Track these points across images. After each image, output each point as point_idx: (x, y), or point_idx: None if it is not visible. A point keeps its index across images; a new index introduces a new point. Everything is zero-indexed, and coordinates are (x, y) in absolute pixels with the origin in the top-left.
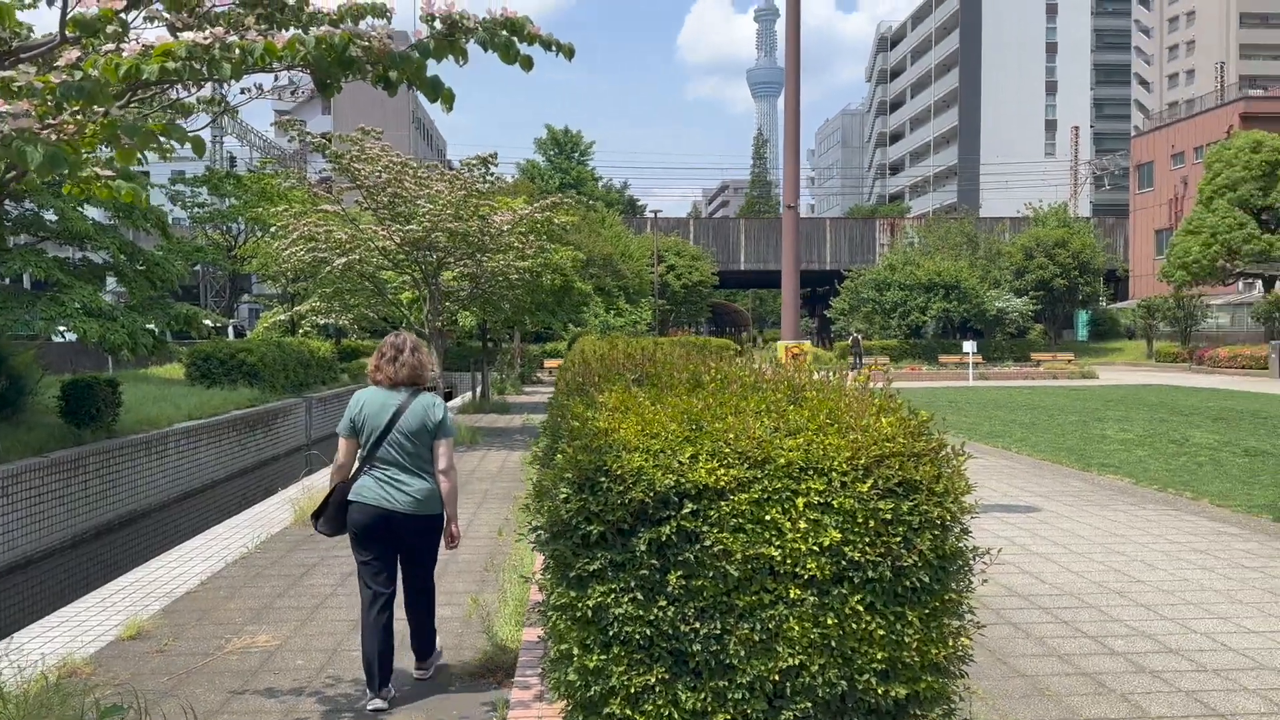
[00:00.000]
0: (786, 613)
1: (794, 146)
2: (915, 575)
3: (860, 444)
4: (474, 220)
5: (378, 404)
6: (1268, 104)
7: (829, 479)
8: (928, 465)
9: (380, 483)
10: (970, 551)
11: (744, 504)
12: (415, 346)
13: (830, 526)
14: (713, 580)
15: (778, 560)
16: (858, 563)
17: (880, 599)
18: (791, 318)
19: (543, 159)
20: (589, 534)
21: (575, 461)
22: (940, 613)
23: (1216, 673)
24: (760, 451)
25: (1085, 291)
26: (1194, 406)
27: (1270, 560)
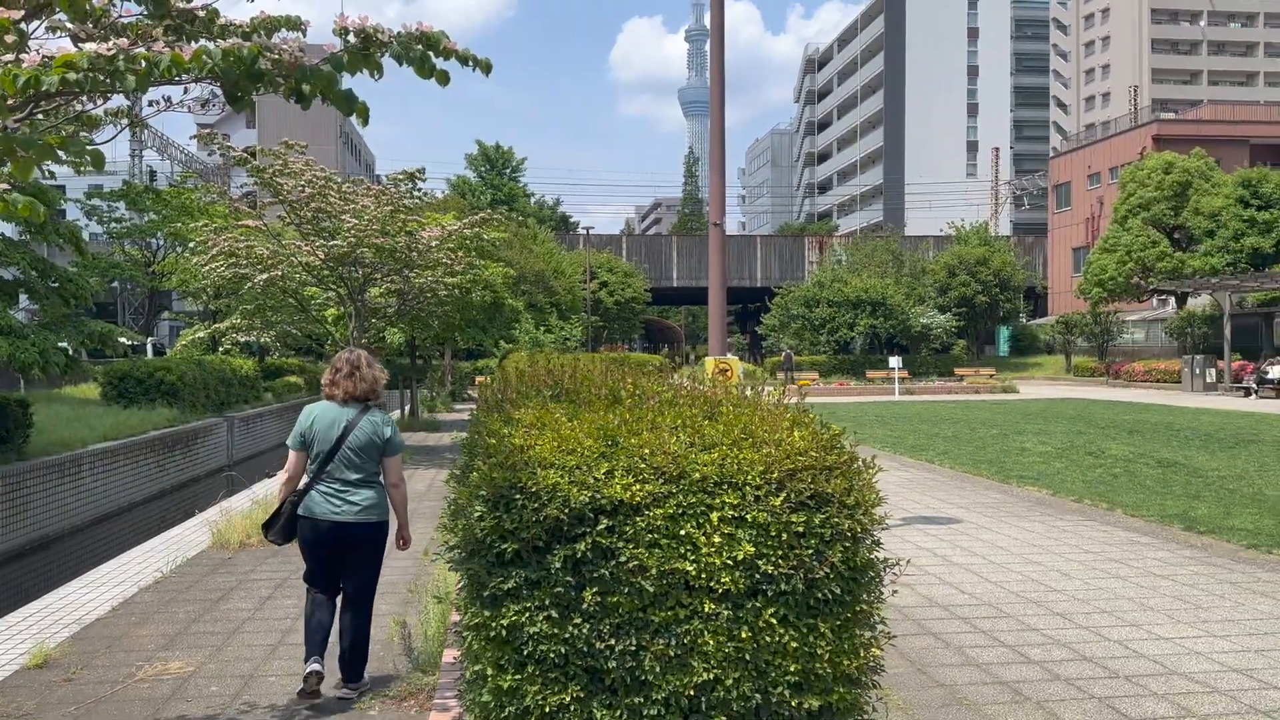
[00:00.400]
0: (701, 627)
1: (719, 166)
2: (827, 587)
3: (773, 458)
4: (401, 236)
5: (328, 419)
6: (1179, 127)
7: (743, 493)
8: (839, 478)
9: (327, 496)
10: (881, 563)
11: (659, 519)
12: (370, 362)
13: (744, 540)
14: (628, 596)
15: (693, 575)
16: (771, 576)
17: (793, 611)
18: (718, 334)
19: (474, 175)
20: (503, 552)
21: (490, 479)
22: (852, 624)
23: (1128, 679)
24: (675, 467)
25: (1006, 308)
26: (1110, 420)
27: (1180, 568)
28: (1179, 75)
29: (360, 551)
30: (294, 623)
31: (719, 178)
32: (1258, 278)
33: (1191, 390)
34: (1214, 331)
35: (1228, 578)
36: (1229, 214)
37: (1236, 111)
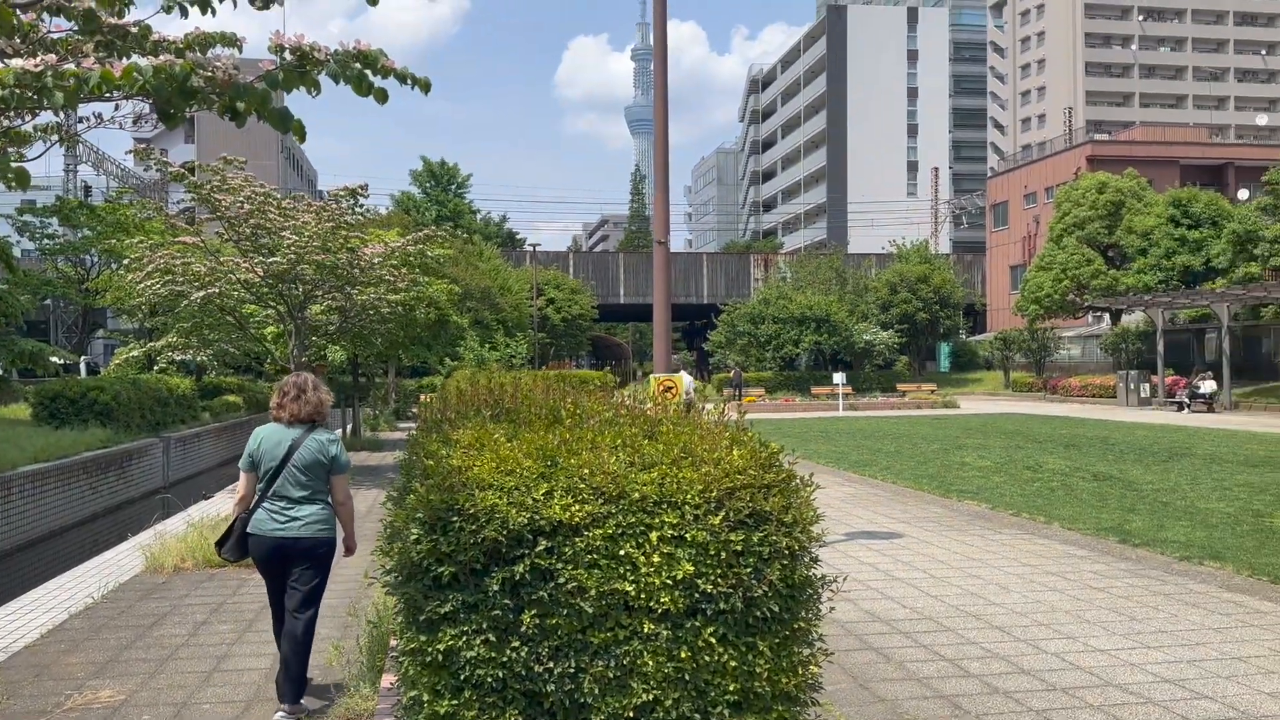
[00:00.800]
0: (641, 648)
1: (664, 184)
2: (766, 605)
3: (712, 477)
4: (343, 252)
5: (275, 440)
6: (1112, 147)
7: (682, 512)
8: (777, 496)
9: (272, 514)
10: (819, 580)
11: (599, 539)
12: (316, 385)
13: (683, 559)
14: (567, 618)
15: (632, 595)
16: (710, 595)
17: (732, 630)
18: (663, 351)
19: (419, 191)
20: (440, 575)
21: (427, 501)
22: (790, 641)
23: (1065, 691)
24: (615, 486)
25: (946, 324)
26: (1047, 434)
27: (1115, 580)
28: (1112, 97)
29: (305, 565)
30: (230, 649)
31: (663, 196)
32: (1189, 295)
33: (1126, 405)
34: (1147, 347)
35: (1161, 589)
36: (1161, 233)
37: (1167, 133)
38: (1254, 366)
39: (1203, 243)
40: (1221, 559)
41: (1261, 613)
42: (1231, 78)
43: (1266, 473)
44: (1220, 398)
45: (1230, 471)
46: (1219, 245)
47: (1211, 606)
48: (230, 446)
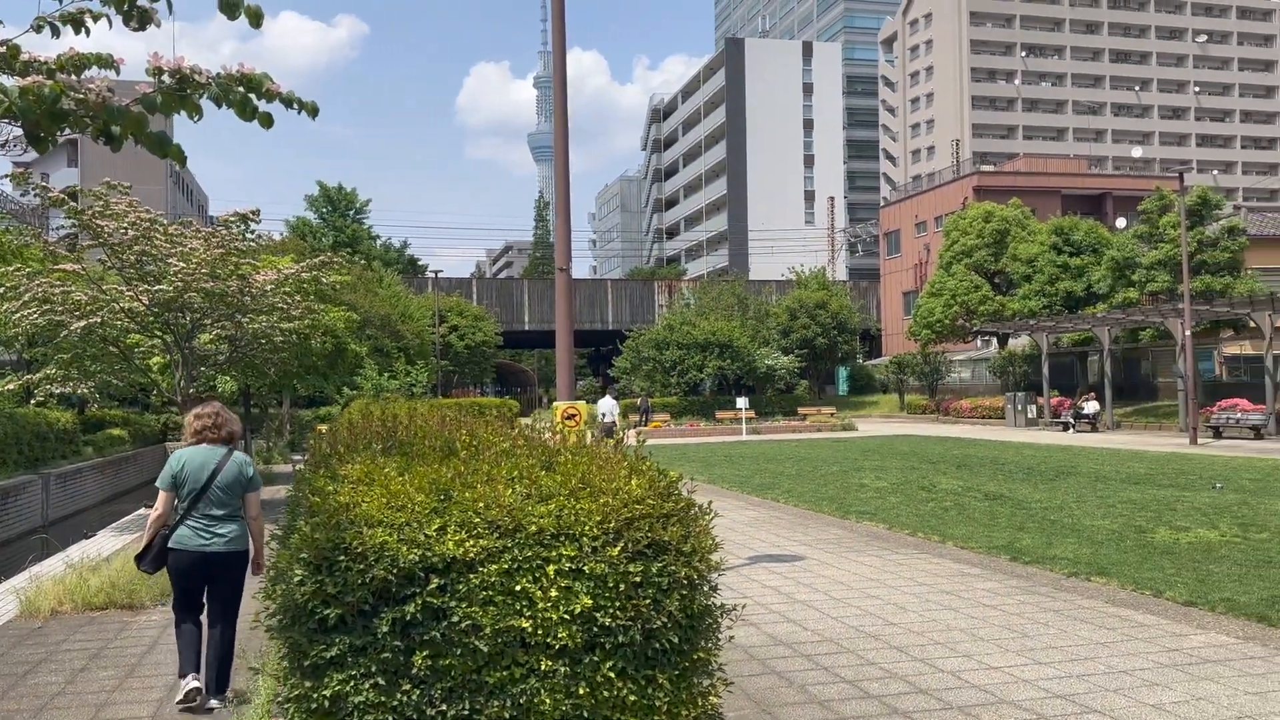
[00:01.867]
0: (538, 685)
1: (565, 211)
2: (665, 637)
3: (611, 507)
4: (233, 279)
5: (199, 461)
6: (997, 178)
7: (580, 544)
8: (676, 525)
9: (197, 530)
10: (718, 609)
11: (494, 575)
12: (220, 410)
13: (582, 593)
14: (461, 658)
15: (529, 631)
16: (609, 628)
17: (631, 664)
18: (566, 378)
19: (315, 216)
20: (326, 618)
21: (311, 540)
22: (690, 673)
23: (961, 710)
24: (511, 520)
25: (844, 349)
26: (940, 455)
27: (1008, 598)
28: (997, 130)
29: (226, 577)
30: (110, 696)
31: (565, 223)
32: (1071, 319)
33: (1014, 425)
34: (1033, 370)
35: (1051, 605)
36: (1044, 260)
37: (1049, 164)
38: (1134, 387)
39: (1084, 269)
40: (1107, 574)
41: (1145, 626)
42: (1109, 112)
43: (1148, 490)
44: (1103, 417)
45: (1114, 489)
46: (1099, 271)
47: (1099, 621)
48: (115, 482)
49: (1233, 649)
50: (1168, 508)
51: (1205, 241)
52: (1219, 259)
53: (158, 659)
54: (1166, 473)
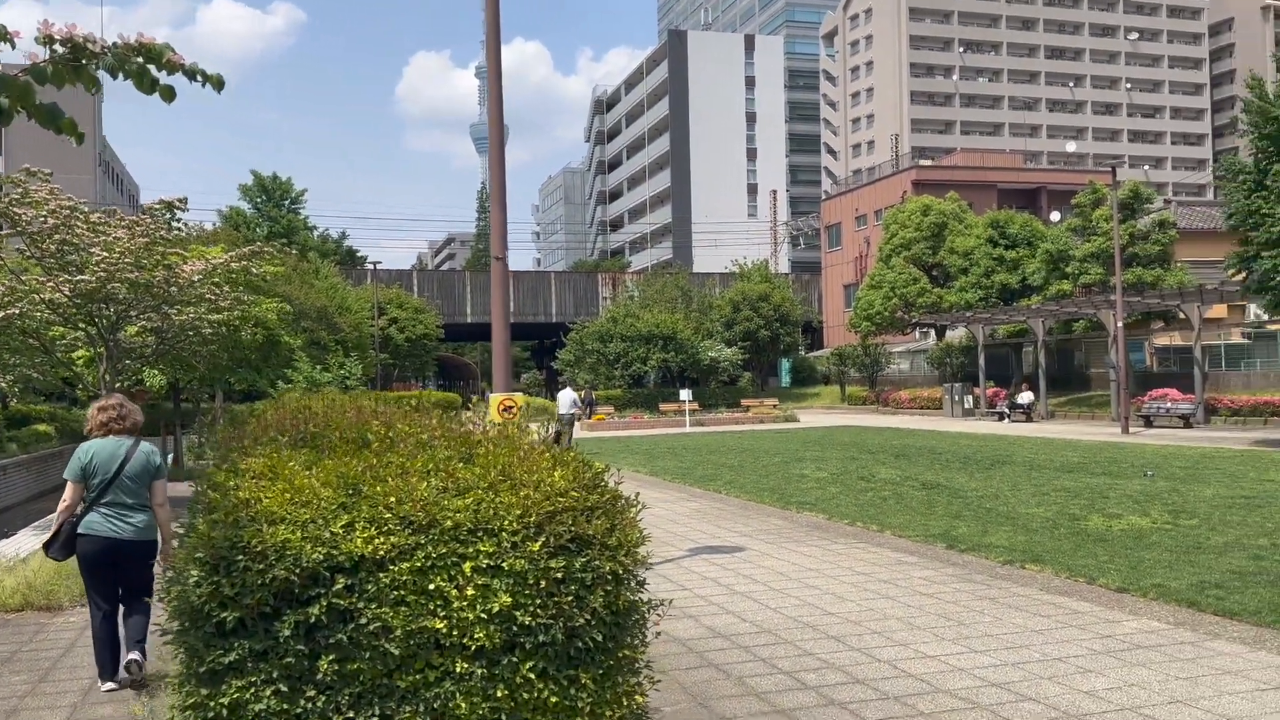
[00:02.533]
0: (454, 689)
1: (500, 200)
2: (589, 635)
3: (532, 500)
4: (159, 270)
5: (107, 453)
6: (935, 172)
7: (499, 540)
8: (601, 518)
9: (108, 518)
10: (645, 604)
11: (405, 574)
12: (124, 402)
13: (500, 591)
14: (370, 661)
15: (444, 632)
16: (529, 627)
17: (553, 664)
18: (503, 370)
19: (249, 206)
20: (224, 621)
21: (208, 539)
22: (614, 671)
23: (897, 699)
24: (425, 515)
25: (786, 341)
26: (880, 445)
27: (944, 586)
28: (935, 125)
29: (136, 565)
30: (20, 701)
31: (500, 211)
32: (1006, 311)
33: (952, 416)
34: (970, 361)
35: (986, 593)
36: (980, 253)
37: (985, 158)
38: (1067, 377)
39: (1019, 262)
40: (1041, 562)
41: (1079, 613)
42: (1044, 107)
43: (1081, 478)
44: (1037, 407)
45: (1048, 477)
46: (1034, 264)
47: (1033, 609)
48: (41, 479)
49: (1164, 634)
50: (1100, 495)
51: (1137, 235)
52: (1150, 252)
53: (74, 662)
54: (1099, 461)
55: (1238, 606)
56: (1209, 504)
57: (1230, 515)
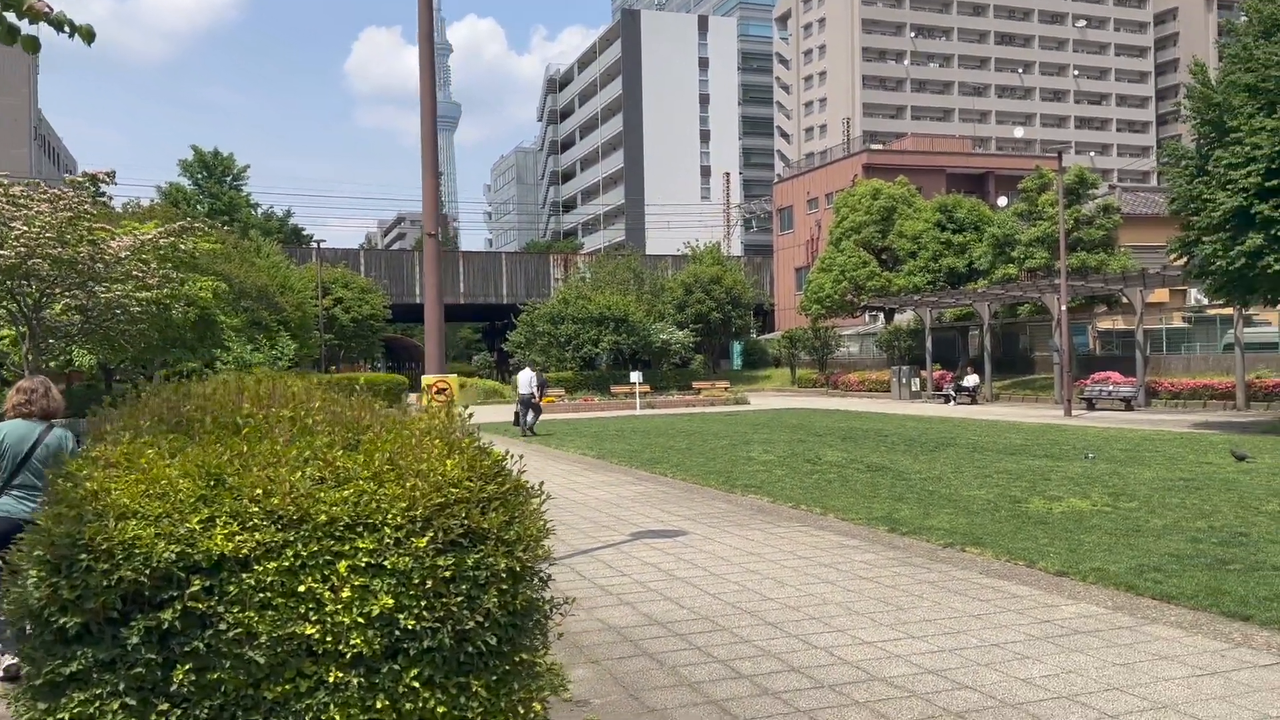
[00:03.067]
0: (328, 700)
1: (432, 173)
2: (481, 638)
3: (420, 491)
4: (83, 245)
5: (19, 434)
6: (885, 156)
7: (381, 536)
8: (497, 511)
9: (20, 499)
10: (547, 603)
11: (272, 574)
12: (49, 385)
13: (381, 592)
14: (233, 671)
15: (316, 638)
16: (414, 631)
17: (440, 671)
18: (436, 350)
19: (189, 182)
20: (64, 627)
21: (48, 536)
22: (511, 677)
23: (832, 688)
24: (296, 509)
25: (738, 324)
26: (828, 427)
27: (884, 570)
28: (887, 110)
29: None
30: None
31: (432, 186)
32: (953, 295)
33: (899, 398)
34: (918, 344)
35: (926, 577)
36: (929, 236)
37: (935, 143)
38: (1012, 361)
39: (966, 246)
40: (982, 545)
41: (1018, 597)
42: (993, 93)
43: (1023, 460)
44: (982, 390)
45: (991, 460)
46: (980, 248)
47: (973, 593)
48: None
49: (1102, 619)
50: (1042, 478)
51: (1082, 219)
52: (1094, 236)
53: None
54: (1041, 444)
55: (1175, 590)
56: (1148, 486)
57: (1169, 498)
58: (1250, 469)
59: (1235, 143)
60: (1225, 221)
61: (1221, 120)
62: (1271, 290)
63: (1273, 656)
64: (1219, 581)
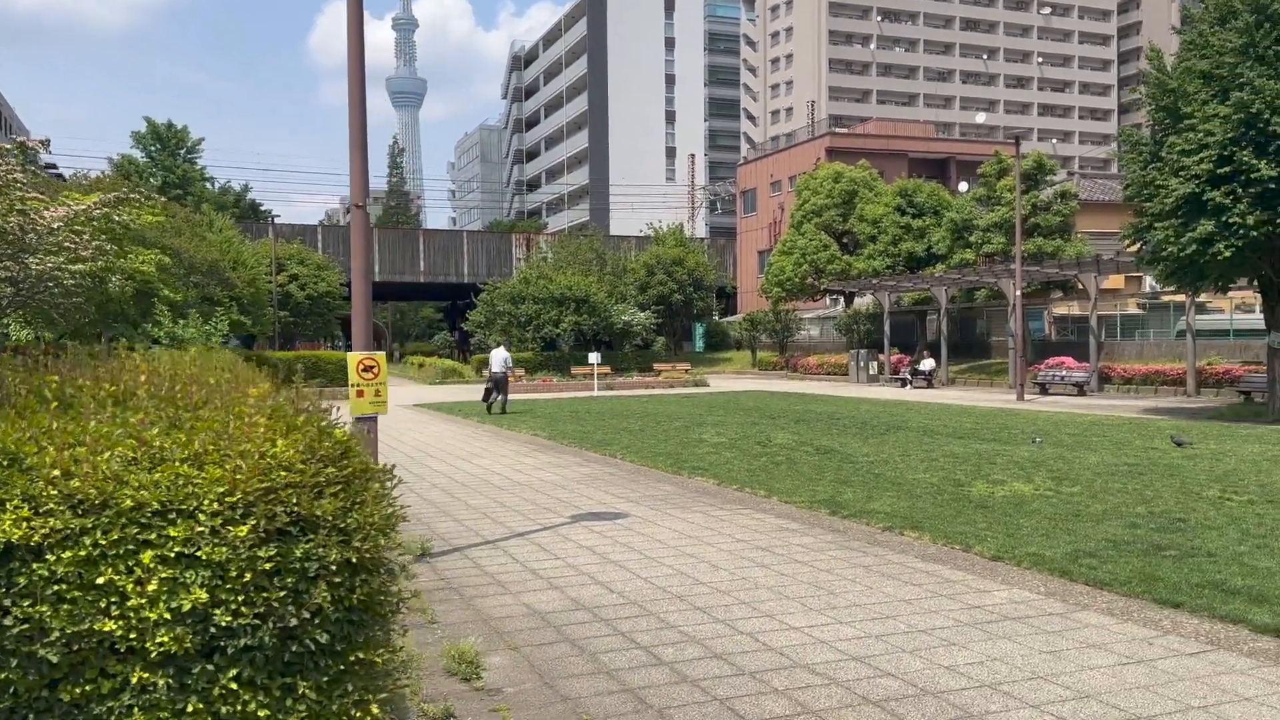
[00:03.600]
0: (132, 703)
1: (361, 144)
2: (310, 637)
3: (242, 475)
4: (12, 215)
5: None
6: (848, 140)
7: (195, 523)
8: (333, 498)
9: None
10: (393, 598)
11: (68, 565)
12: None
13: (194, 585)
14: (21, 671)
15: (119, 635)
16: (231, 629)
17: (262, 672)
18: (363, 327)
19: (142, 154)
20: None
21: None
22: (346, 679)
23: (753, 676)
24: (98, 493)
25: (700, 306)
26: (782, 410)
27: (821, 553)
28: (852, 93)
29: None
30: None
31: (361, 157)
32: (911, 279)
33: (857, 382)
34: (876, 328)
35: (862, 561)
36: (889, 221)
37: (898, 128)
38: (969, 345)
39: (925, 230)
40: (921, 528)
41: (951, 582)
42: (958, 79)
43: (971, 443)
44: (939, 374)
45: (939, 443)
46: (939, 233)
47: (906, 578)
48: None
49: (1033, 605)
50: (988, 461)
51: (1039, 205)
52: (1051, 222)
53: None
54: (991, 428)
55: (1109, 576)
56: (1093, 471)
57: (1112, 483)
58: (1195, 454)
59: (1189, 129)
60: (1177, 208)
61: (1176, 107)
62: (1221, 277)
63: (1200, 645)
64: (1153, 568)
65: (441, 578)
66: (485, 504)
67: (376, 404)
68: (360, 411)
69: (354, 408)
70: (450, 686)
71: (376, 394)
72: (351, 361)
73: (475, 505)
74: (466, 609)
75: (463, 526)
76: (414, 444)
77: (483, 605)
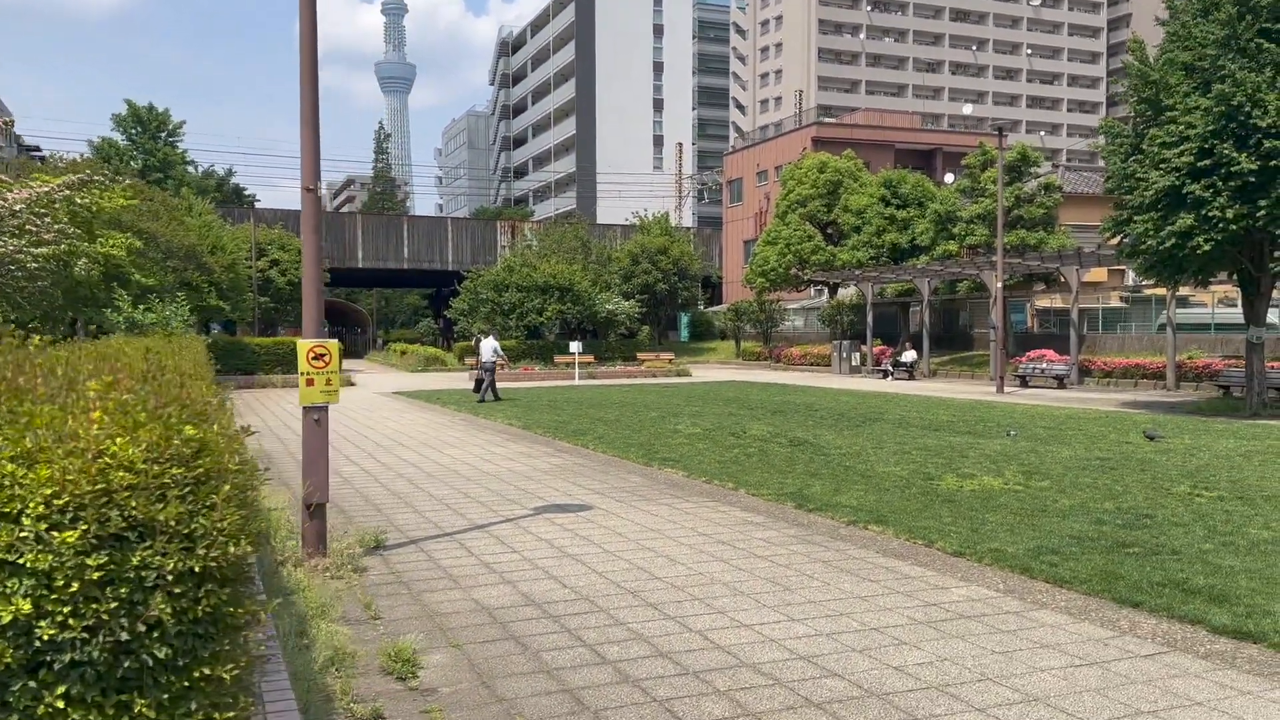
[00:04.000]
0: None
1: (312, 123)
2: (148, 651)
3: (72, 475)
4: None
5: None
6: (835, 130)
7: (19, 527)
8: (179, 501)
9: None
10: (247, 610)
11: None
12: None
13: (17, 594)
14: None
15: None
16: (57, 642)
17: (93, 689)
18: (314, 314)
19: (123, 137)
20: None
21: None
22: (189, 697)
23: (696, 675)
24: None
25: (684, 295)
26: (761, 401)
27: (782, 548)
28: (841, 83)
29: None
30: None
31: (312, 137)
32: (895, 270)
33: (839, 373)
34: (860, 319)
35: (822, 556)
36: (873, 211)
37: (885, 118)
38: (951, 337)
39: (909, 222)
40: (885, 523)
41: (909, 578)
42: (947, 70)
43: (945, 436)
44: (920, 366)
45: (913, 436)
46: (923, 224)
47: (865, 574)
48: None
49: (990, 603)
50: (960, 455)
51: (1023, 197)
52: (1034, 215)
53: None
54: (967, 420)
55: (1069, 574)
56: (1064, 465)
57: (1082, 477)
58: (1168, 449)
59: (1170, 121)
60: (1157, 201)
61: (1158, 99)
62: (1200, 271)
63: (1156, 646)
64: (1115, 565)
65: (393, 571)
66: (449, 495)
67: (327, 393)
68: (310, 400)
69: (303, 396)
70: (384, 685)
71: (328, 383)
72: (301, 349)
73: (439, 496)
74: (413, 604)
75: (422, 518)
76: (386, 433)
77: (430, 600)
